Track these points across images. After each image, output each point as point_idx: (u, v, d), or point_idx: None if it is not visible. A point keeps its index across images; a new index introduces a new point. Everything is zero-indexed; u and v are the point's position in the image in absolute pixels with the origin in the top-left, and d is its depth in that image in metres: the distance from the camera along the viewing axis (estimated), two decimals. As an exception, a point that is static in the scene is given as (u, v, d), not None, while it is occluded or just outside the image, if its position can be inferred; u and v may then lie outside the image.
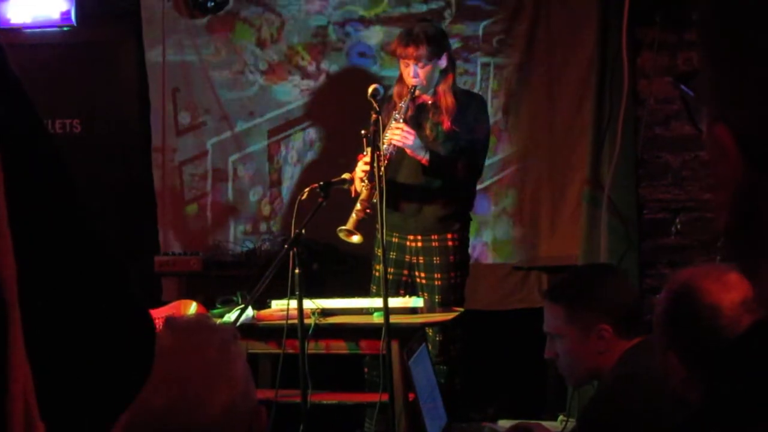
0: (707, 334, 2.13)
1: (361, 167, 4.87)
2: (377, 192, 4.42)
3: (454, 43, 6.04)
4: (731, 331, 2.08)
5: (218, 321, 4.21)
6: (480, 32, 6.39)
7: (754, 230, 0.82)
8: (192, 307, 4.64)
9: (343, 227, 4.85)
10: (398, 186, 5.08)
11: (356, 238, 4.86)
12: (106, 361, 0.98)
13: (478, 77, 6.39)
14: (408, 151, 4.97)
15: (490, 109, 5.71)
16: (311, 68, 6.57)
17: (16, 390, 0.83)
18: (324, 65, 6.57)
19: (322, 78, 6.57)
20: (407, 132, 4.94)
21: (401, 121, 5.00)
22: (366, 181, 4.82)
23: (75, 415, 0.95)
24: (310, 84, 6.58)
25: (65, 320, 0.93)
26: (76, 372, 0.95)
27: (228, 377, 1.81)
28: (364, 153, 4.82)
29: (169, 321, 1.86)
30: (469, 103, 5.22)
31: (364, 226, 4.87)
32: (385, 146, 4.83)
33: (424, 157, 4.99)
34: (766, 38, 0.77)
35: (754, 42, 0.78)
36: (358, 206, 4.86)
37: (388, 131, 4.92)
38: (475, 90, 6.14)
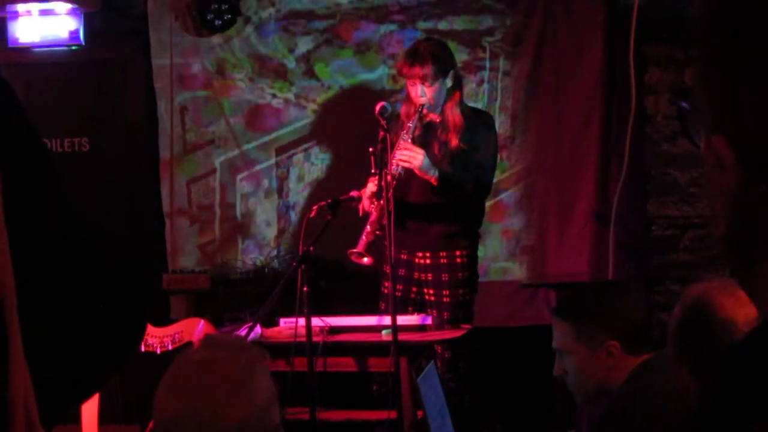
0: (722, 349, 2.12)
1: (371, 188, 4.87)
2: (386, 210, 4.43)
3: (460, 60, 6.04)
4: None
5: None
6: (487, 50, 6.40)
7: (751, 238, 0.83)
8: (200, 326, 4.64)
9: (354, 250, 4.84)
10: (407, 205, 5.08)
11: (367, 260, 4.86)
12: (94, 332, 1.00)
13: (485, 95, 6.40)
14: (417, 171, 4.95)
15: (497, 126, 5.71)
16: (318, 86, 6.59)
17: (17, 396, 0.84)
18: (331, 82, 6.58)
19: (330, 96, 6.58)
20: (415, 152, 4.93)
21: (409, 141, 4.99)
22: (375, 201, 4.82)
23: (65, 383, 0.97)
24: (317, 102, 6.60)
25: (59, 315, 0.95)
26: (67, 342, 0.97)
27: (248, 394, 1.85)
28: (374, 172, 4.81)
29: (206, 338, 1.94)
30: (476, 121, 5.21)
31: (374, 252, 4.86)
32: (393, 168, 4.82)
33: (433, 176, 4.98)
34: (761, 49, 0.79)
35: (750, 53, 0.80)
36: (368, 228, 4.85)
37: (396, 152, 4.91)
38: (482, 107, 6.14)
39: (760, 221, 0.82)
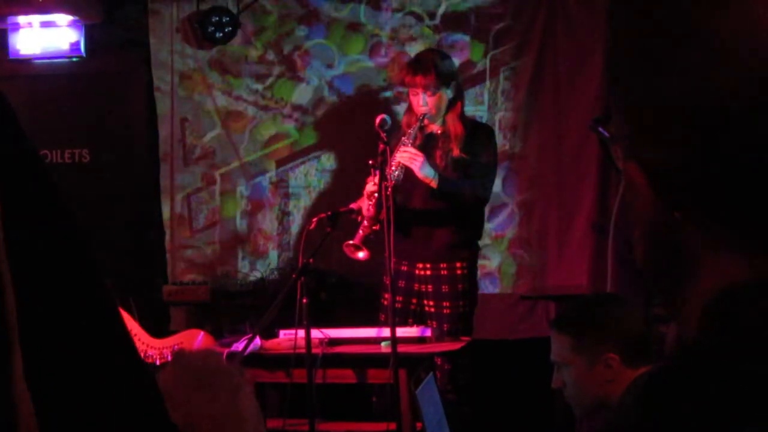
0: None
1: (370, 188, 4.87)
2: (386, 222, 4.43)
3: (461, 71, 6.06)
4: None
5: (227, 351, 4.22)
6: (488, 62, 6.42)
7: (670, 264, 0.84)
8: (200, 337, 4.65)
9: (350, 242, 4.85)
10: (409, 212, 5.09)
11: (362, 254, 4.86)
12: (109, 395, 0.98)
13: (486, 106, 6.41)
14: (418, 175, 4.96)
15: (497, 139, 5.72)
16: (318, 98, 6.60)
17: (22, 426, 0.84)
18: (331, 95, 6.60)
19: (330, 108, 6.59)
20: (415, 154, 4.95)
21: (409, 145, 5.01)
22: (374, 198, 4.82)
23: None
24: (317, 114, 6.61)
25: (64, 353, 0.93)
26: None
27: (237, 420, 1.82)
28: (371, 164, 4.81)
29: (177, 357, 1.87)
30: (477, 132, 5.23)
31: (372, 253, 4.87)
32: (393, 168, 4.84)
33: (433, 179, 4.98)
34: (664, 79, 0.80)
35: (654, 83, 0.81)
36: (365, 222, 4.86)
37: (397, 154, 4.92)
38: (483, 119, 6.16)
39: (678, 246, 0.82)
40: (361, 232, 4.86)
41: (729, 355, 0.77)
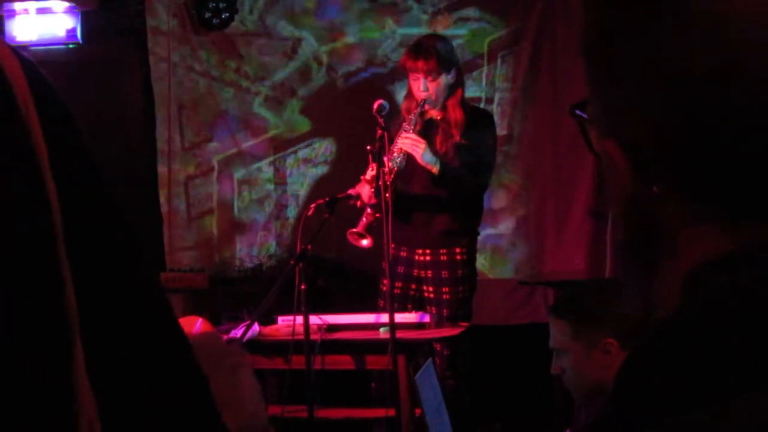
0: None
1: (371, 173, 4.86)
2: (384, 207, 4.43)
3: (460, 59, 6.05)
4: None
5: (225, 338, 4.22)
6: (485, 48, 6.41)
7: (649, 239, 0.85)
8: (198, 324, 4.64)
9: (354, 230, 4.84)
10: (410, 198, 5.08)
11: (366, 242, 4.86)
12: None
13: (483, 93, 6.40)
14: (419, 161, 4.95)
15: (496, 125, 5.71)
16: (316, 83, 6.59)
17: (83, 424, 0.84)
18: (330, 80, 6.59)
19: (328, 93, 6.58)
20: (417, 140, 4.94)
21: (411, 131, 5.00)
22: (375, 192, 4.81)
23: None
24: (316, 99, 6.60)
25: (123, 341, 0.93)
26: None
27: (237, 403, 1.81)
28: (369, 149, 4.81)
29: None
30: (476, 119, 5.22)
31: (373, 237, 4.86)
32: (395, 155, 4.83)
33: (434, 167, 4.98)
34: (635, 54, 0.81)
35: (627, 57, 0.82)
36: (368, 210, 4.86)
37: (399, 140, 4.92)
38: (481, 105, 6.15)
39: (657, 221, 0.84)
40: (364, 219, 4.86)
41: (713, 323, 0.77)
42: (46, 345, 0.83)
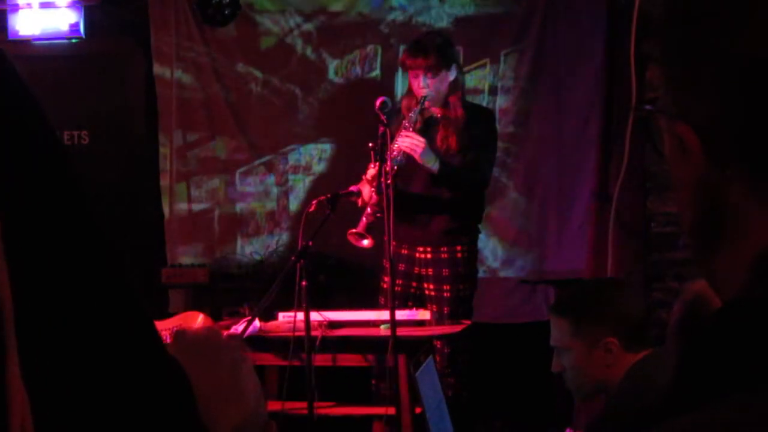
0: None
1: (371, 173, 4.86)
2: (385, 205, 4.42)
3: (462, 56, 6.05)
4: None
5: (226, 333, 4.22)
6: (488, 46, 6.40)
7: (716, 224, 0.87)
8: (199, 319, 4.64)
9: (354, 230, 4.84)
10: (410, 197, 5.08)
11: (366, 242, 4.86)
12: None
13: (486, 91, 6.40)
14: (419, 160, 4.95)
15: (497, 123, 5.71)
16: (319, 80, 6.59)
17: (15, 423, 0.82)
18: (332, 77, 6.58)
19: (331, 90, 6.58)
20: (417, 140, 4.93)
21: (410, 130, 4.99)
22: (376, 184, 4.81)
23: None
24: (318, 96, 6.59)
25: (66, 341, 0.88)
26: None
27: (238, 398, 1.80)
28: (370, 147, 4.80)
29: (178, 336, 1.85)
30: (477, 117, 5.22)
31: (374, 236, 4.86)
32: (394, 154, 4.83)
33: (433, 166, 4.98)
34: (720, 36, 0.83)
35: (708, 41, 0.84)
36: (369, 209, 4.86)
37: (398, 139, 4.91)
38: (483, 103, 6.15)
39: (725, 205, 0.85)
40: (364, 219, 4.85)
41: None
42: None
